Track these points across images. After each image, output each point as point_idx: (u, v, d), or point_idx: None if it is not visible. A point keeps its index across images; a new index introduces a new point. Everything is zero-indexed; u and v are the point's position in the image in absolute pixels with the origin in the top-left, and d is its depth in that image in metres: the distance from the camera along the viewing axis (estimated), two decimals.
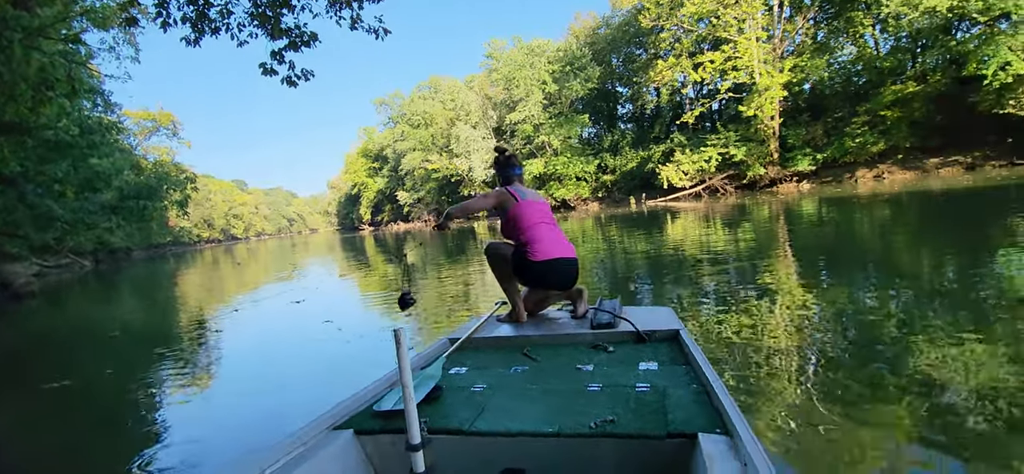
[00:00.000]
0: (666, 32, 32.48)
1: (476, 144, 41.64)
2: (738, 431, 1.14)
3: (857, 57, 28.61)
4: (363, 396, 1.63)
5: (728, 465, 1.07)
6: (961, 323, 3.18)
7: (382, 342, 4.42)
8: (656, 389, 1.54)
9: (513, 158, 2.87)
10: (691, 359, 1.77)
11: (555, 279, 2.65)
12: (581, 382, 1.68)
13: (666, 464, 1.23)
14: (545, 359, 2.02)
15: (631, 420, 1.33)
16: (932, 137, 23.62)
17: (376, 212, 65.79)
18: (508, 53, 40.20)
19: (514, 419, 1.41)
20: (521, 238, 2.67)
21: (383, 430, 1.42)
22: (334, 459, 1.33)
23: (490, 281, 8.20)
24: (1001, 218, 7.98)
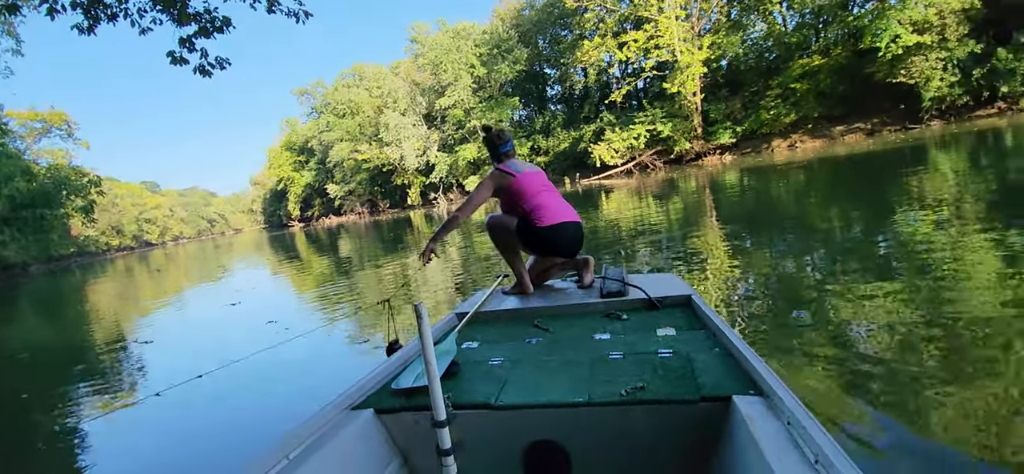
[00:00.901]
0: (590, 13, 32.86)
1: (407, 131, 40.58)
2: (775, 391, 1.12)
3: (767, 33, 30.23)
4: (380, 374, 1.60)
5: (770, 425, 1.05)
6: (866, 273, 3.55)
7: (334, 336, 4.36)
8: (679, 355, 1.52)
9: (501, 134, 2.77)
10: (708, 323, 1.76)
11: (563, 244, 2.61)
12: (601, 351, 1.65)
13: (700, 428, 1.22)
14: (558, 330, 1.98)
15: (660, 386, 1.31)
16: (836, 107, 25.42)
17: (306, 207, 62.92)
18: (433, 37, 39.31)
19: (540, 391, 1.38)
20: (525, 207, 2.61)
21: (404, 408, 1.39)
22: (357, 439, 1.31)
23: (436, 273, 7.93)
24: (896, 178, 8.72)
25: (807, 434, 0.96)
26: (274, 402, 3.01)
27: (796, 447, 0.97)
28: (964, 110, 21.75)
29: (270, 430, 2.54)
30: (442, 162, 39.87)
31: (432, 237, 2.60)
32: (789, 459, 0.95)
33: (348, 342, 4.29)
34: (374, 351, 3.60)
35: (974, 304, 2.69)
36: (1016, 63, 19.91)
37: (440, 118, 40.35)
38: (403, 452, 1.41)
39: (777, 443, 1.00)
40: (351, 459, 1.27)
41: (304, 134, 58.25)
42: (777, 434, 1.02)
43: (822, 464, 0.89)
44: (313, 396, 2.96)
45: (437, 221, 21.05)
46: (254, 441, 2.55)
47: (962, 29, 21.34)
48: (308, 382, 3.24)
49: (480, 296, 2.56)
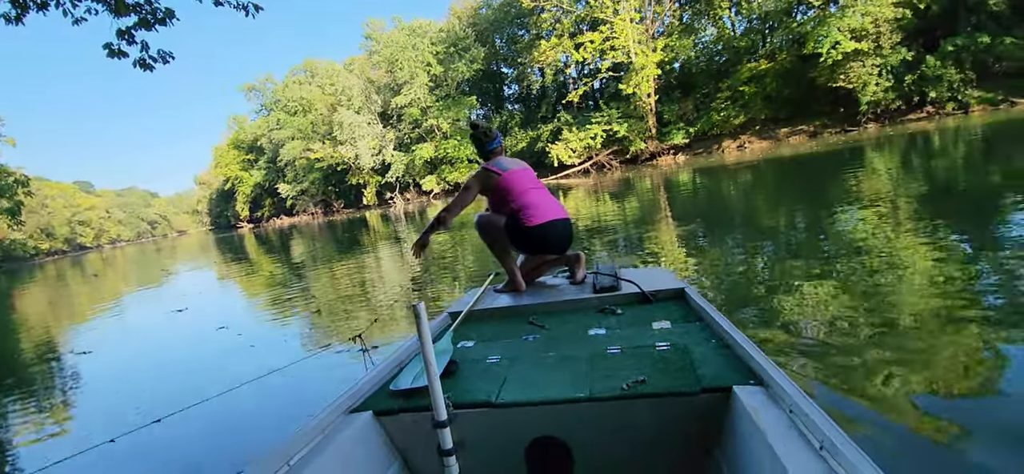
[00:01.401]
0: (547, 13, 33.01)
1: (361, 130, 39.63)
2: (776, 381, 1.13)
3: (718, 37, 31.17)
4: (377, 377, 1.59)
5: (772, 414, 1.06)
6: (809, 265, 3.80)
7: (292, 340, 4.23)
8: (677, 347, 1.53)
9: (489, 131, 2.75)
10: (704, 316, 1.77)
11: (553, 242, 2.60)
12: (599, 346, 1.65)
13: (701, 419, 1.24)
14: (553, 326, 1.98)
15: (661, 379, 1.32)
16: (782, 109, 26.47)
17: (255, 208, 60.53)
18: (389, 34, 38.53)
19: (541, 387, 1.38)
20: (513, 206, 2.59)
21: (404, 409, 1.38)
22: (356, 442, 1.29)
23: (394, 271, 7.67)
24: (836, 177, 9.18)
25: (810, 422, 0.97)
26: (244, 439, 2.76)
27: (800, 435, 0.98)
28: (897, 114, 23.04)
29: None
30: (398, 161, 39.16)
31: (423, 232, 2.62)
32: (794, 446, 0.95)
33: (296, 347, 4.03)
34: (345, 366, 3.37)
35: (911, 293, 2.80)
36: (943, 70, 21.24)
37: (396, 117, 39.61)
38: (403, 453, 1.40)
39: (781, 432, 1.00)
40: (352, 463, 1.26)
41: (253, 132, 56.00)
42: (780, 423, 1.03)
43: (827, 450, 0.91)
44: (251, 419, 2.76)
45: (394, 221, 20.62)
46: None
47: (895, 37, 22.61)
48: (248, 403, 2.99)
49: (472, 295, 2.54)
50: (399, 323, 4.32)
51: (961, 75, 21.11)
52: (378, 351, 3.40)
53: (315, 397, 2.89)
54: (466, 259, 7.31)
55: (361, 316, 4.74)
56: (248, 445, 2.46)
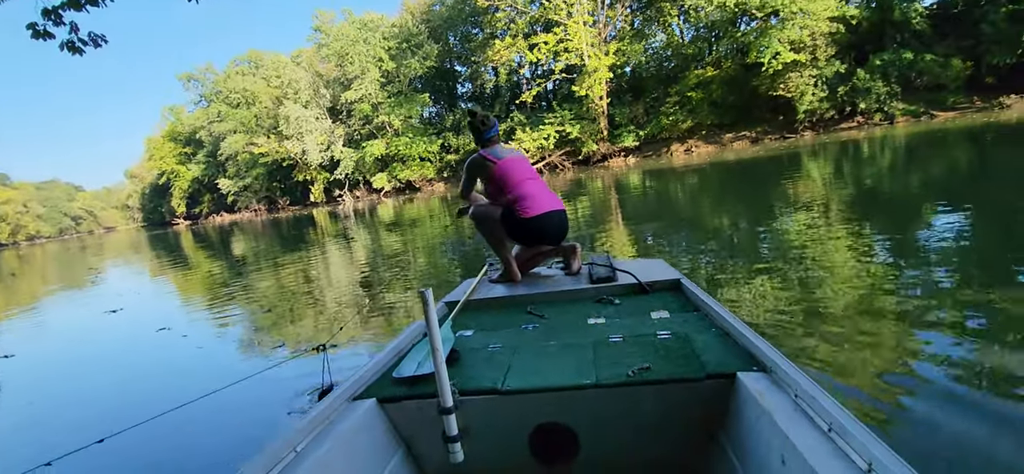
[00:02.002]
0: (501, 12, 32.95)
1: (309, 124, 38.26)
2: (780, 367, 1.16)
3: (667, 44, 32.08)
4: (379, 364, 1.59)
5: (777, 398, 1.09)
6: (751, 262, 3.97)
7: (242, 341, 4.03)
8: (677, 336, 1.55)
9: (486, 119, 2.72)
10: (701, 306, 1.81)
11: (550, 233, 2.60)
12: (601, 334, 1.67)
13: (705, 405, 1.26)
14: (552, 316, 1.99)
15: (665, 366, 1.34)
16: (727, 115, 27.48)
17: (193, 203, 57.44)
18: (339, 27, 37.37)
19: (546, 374, 1.39)
20: (510, 196, 2.58)
21: (408, 396, 1.39)
22: (360, 429, 1.29)
23: (344, 270, 7.33)
24: (776, 181, 9.62)
25: (818, 405, 0.99)
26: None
27: (807, 418, 1.00)
28: (831, 123, 24.38)
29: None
30: (348, 158, 38.05)
31: (460, 211, 2.86)
32: (802, 429, 0.97)
33: (242, 345, 3.74)
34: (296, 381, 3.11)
35: (842, 284, 2.90)
36: (871, 83, 22.65)
37: (346, 112, 38.49)
38: (407, 440, 1.40)
39: (788, 415, 1.02)
40: (357, 449, 1.25)
41: (191, 124, 53.08)
42: (786, 407, 1.05)
43: (836, 431, 0.92)
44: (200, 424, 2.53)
45: (343, 219, 19.99)
46: None
47: (830, 50, 23.92)
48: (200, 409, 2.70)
49: (468, 285, 2.54)
50: (349, 324, 4.12)
51: (887, 88, 22.57)
52: (339, 355, 3.19)
53: (274, 402, 2.66)
54: (417, 260, 7.11)
55: (312, 316, 4.53)
56: (215, 464, 2.22)
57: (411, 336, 1.84)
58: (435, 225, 11.83)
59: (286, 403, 2.60)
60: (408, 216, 16.28)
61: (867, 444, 0.83)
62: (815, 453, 0.89)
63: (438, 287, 4.93)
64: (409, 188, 37.08)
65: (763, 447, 1.04)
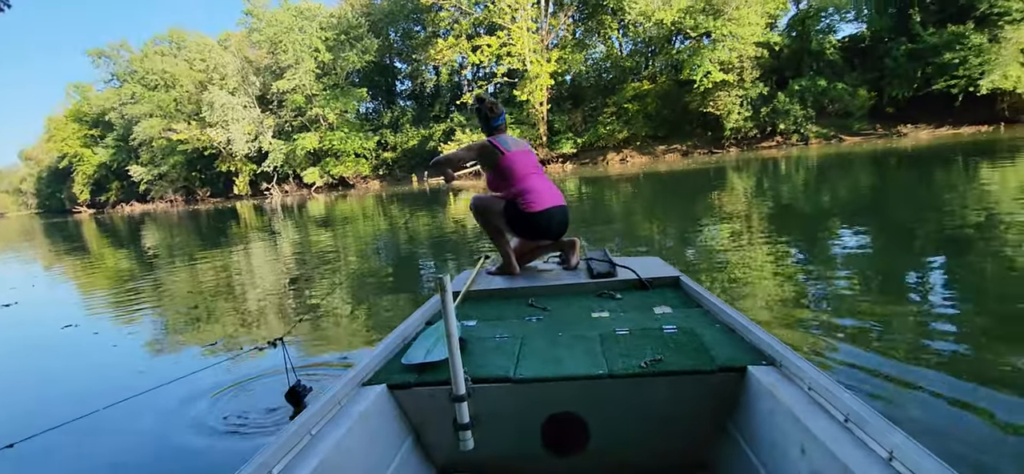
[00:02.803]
0: (445, 12, 32.60)
1: (235, 112, 36.03)
2: (791, 360, 1.19)
3: (606, 55, 32.94)
4: (386, 349, 1.59)
5: (790, 391, 1.11)
6: (678, 266, 4.06)
7: (155, 337, 3.81)
8: (683, 330, 1.58)
9: (494, 107, 2.67)
10: (702, 302, 1.85)
11: (552, 229, 2.60)
12: (607, 327, 1.68)
13: (715, 397, 1.29)
14: (555, 308, 2.00)
15: (676, 358, 1.36)
16: (660, 128, 28.56)
17: (98, 190, 52.49)
18: (273, 13, 35.52)
19: (558, 364, 1.40)
20: (513, 190, 2.57)
21: (419, 383, 1.38)
22: (371, 415, 1.28)
23: (268, 266, 6.82)
24: (702, 192, 10.10)
25: (832, 396, 1.01)
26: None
27: (822, 410, 1.02)
28: (753, 140, 25.91)
29: None
30: (277, 150, 36.17)
31: (428, 171, 2.68)
32: (820, 420, 0.99)
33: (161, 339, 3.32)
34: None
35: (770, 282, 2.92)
36: (790, 106, 24.28)
37: (277, 102, 36.59)
38: (416, 427, 1.40)
39: (802, 407, 1.04)
40: (369, 435, 1.24)
41: (100, 104, 48.61)
42: (800, 399, 1.07)
43: (853, 421, 0.94)
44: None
45: (269, 213, 18.90)
46: None
47: (755, 73, 25.44)
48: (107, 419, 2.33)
49: (467, 276, 2.52)
50: (269, 322, 3.82)
51: (804, 112, 24.29)
52: (262, 357, 2.94)
53: (197, 401, 2.39)
54: (348, 257, 6.77)
55: (235, 311, 4.22)
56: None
57: (416, 323, 1.85)
58: (369, 225, 11.40)
59: (213, 404, 2.36)
60: (341, 213, 15.63)
61: (886, 432, 0.86)
62: (835, 443, 0.91)
63: (379, 289, 4.68)
64: (342, 184, 35.79)
65: (779, 437, 1.07)
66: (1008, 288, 2.99)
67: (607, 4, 31.25)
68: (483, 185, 2.82)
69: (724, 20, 24.20)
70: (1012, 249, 3.71)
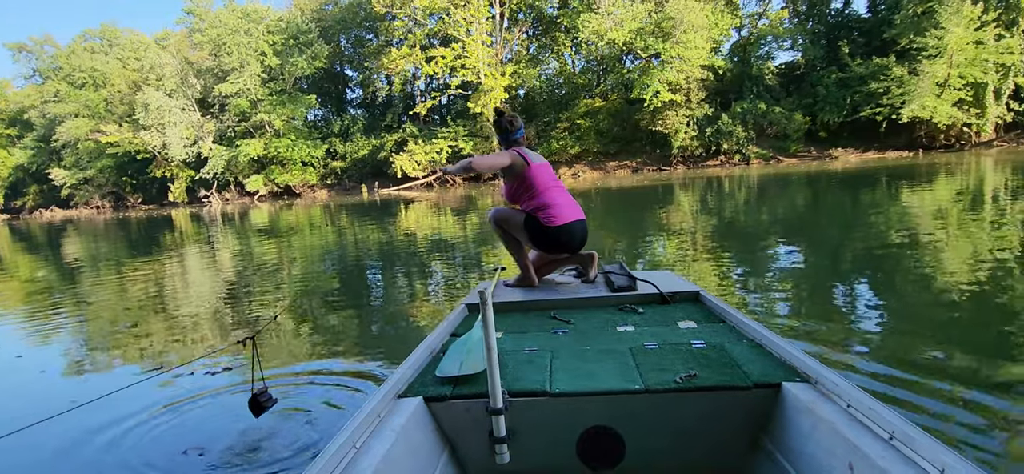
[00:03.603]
0: (399, 21, 32.24)
1: (173, 115, 34.09)
2: (827, 377, 1.19)
3: (560, 72, 33.47)
4: (418, 361, 1.58)
5: (829, 408, 1.11)
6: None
7: (81, 354, 3.48)
8: (712, 345, 1.57)
9: (514, 120, 2.67)
10: (726, 317, 1.86)
11: (573, 243, 2.59)
12: (635, 341, 1.68)
13: (749, 413, 1.29)
14: (578, 322, 1.99)
15: (710, 374, 1.36)
16: (611, 144, 29.19)
17: (13, 194, 48.25)
18: (216, 13, 34.02)
19: (591, 378, 1.40)
20: (534, 203, 2.57)
21: (455, 396, 1.37)
22: (410, 428, 1.26)
23: (207, 279, 6.34)
24: (650, 207, 10.44)
25: (876, 414, 1.01)
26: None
27: (865, 427, 1.01)
28: (699, 159, 26.87)
29: None
30: (218, 156, 34.40)
31: (449, 167, 2.48)
32: (865, 438, 0.98)
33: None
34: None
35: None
36: (733, 127, 25.38)
37: (218, 106, 34.95)
38: (452, 440, 1.38)
39: (847, 424, 1.04)
40: (409, 447, 1.22)
41: (19, 101, 45.00)
42: (841, 416, 1.07)
43: (899, 439, 0.93)
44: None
45: (208, 222, 17.90)
46: None
47: (701, 94, 26.45)
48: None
49: (485, 287, 2.38)
50: (204, 335, 3.51)
51: (745, 133, 25.44)
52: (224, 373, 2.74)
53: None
54: (293, 270, 6.43)
55: (169, 330, 3.89)
56: None
57: (442, 335, 1.85)
58: (317, 235, 10.95)
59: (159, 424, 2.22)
60: (286, 223, 14.98)
61: (936, 450, 0.85)
62: (884, 460, 0.90)
63: (322, 308, 4.42)
64: (288, 193, 34.48)
65: (823, 455, 1.06)
66: (923, 296, 3.15)
67: (561, 22, 31.82)
68: (462, 192, 2.75)
69: (672, 43, 25.09)
70: (924, 264, 3.91)
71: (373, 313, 4.10)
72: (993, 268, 3.74)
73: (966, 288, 3.32)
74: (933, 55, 21.50)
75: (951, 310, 2.98)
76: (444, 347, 1.73)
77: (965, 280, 3.52)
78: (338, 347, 3.16)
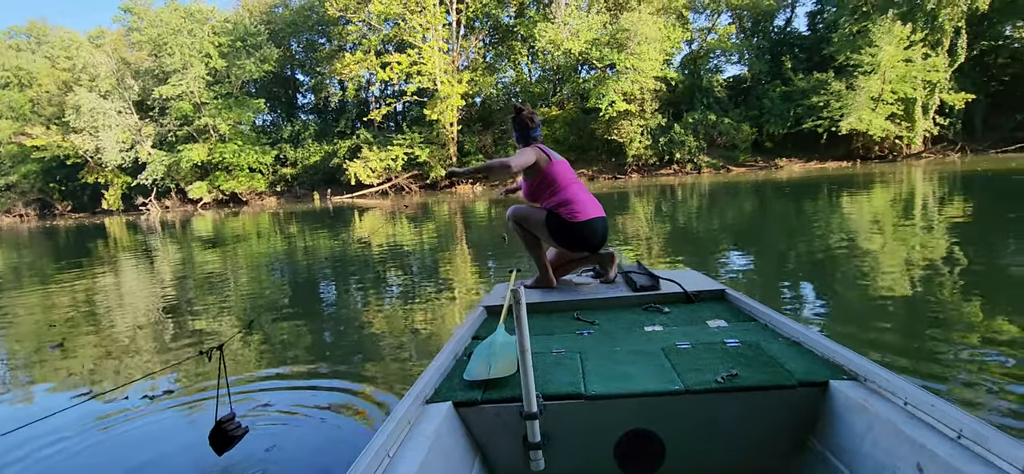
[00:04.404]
0: (353, 26, 31.56)
1: (108, 118, 32.03)
2: (880, 375, 1.15)
3: (516, 80, 33.57)
4: (443, 365, 1.53)
5: (884, 406, 1.07)
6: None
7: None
8: (747, 344, 1.53)
9: (534, 116, 2.60)
10: (756, 315, 1.81)
11: (594, 240, 2.54)
12: (666, 341, 1.63)
13: (796, 413, 1.24)
14: (603, 322, 1.94)
15: (751, 374, 1.32)
16: (568, 153, 29.36)
17: None
18: (157, 12, 32.29)
19: (627, 380, 1.36)
20: (556, 199, 2.51)
21: (485, 400, 1.33)
22: (442, 434, 1.22)
23: (153, 291, 5.84)
24: (609, 214, 10.46)
25: (939, 411, 0.97)
26: None
27: (929, 427, 0.97)
28: (653, 168, 27.48)
29: None
30: (158, 161, 32.54)
31: (462, 170, 2.33)
32: (931, 437, 0.94)
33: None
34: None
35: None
36: (685, 137, 26.10)
37: (159, 109, 33.16)
38: (482, 446, 1.33)
39: (907, 424, 1.00)
40: (442, 454, 1.18)
41: None
42: (899, 415, 1.03)
43: (968, 437, 0.89)
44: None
45: (146, 232, 16.85)
46: None
47: (654, 105, 27.10)
48: None
49: (502, 289, 2.44)
50: (141, 355, 3.18)
51: (697, 143, 26.21)
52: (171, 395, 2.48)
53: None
54: (239, 280, 6.05)
55: (104, 350, 3.53)
56: None
57: (464, 338, 1.79)
58: (264, 244, 10.43)
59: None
60: (231, 232, 14.26)
61: (1011, 448, 0.81)
62: (956, 459, 0.86)
63: (277, 323, 4.12)
64: (234, 201, 32.99)
65: (883, 455, 1.02)
66: (864, 291, 3.20)
67: (517, 31, 31.99)
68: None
69: (627, 54, 25.61)
70: (865, 264, 4.04)
71: (345, 331, 3.85)
72: (925, 265, 3.89)
73: (901, 285, 3.42)
74: (868, 71, 22.80)
75: (895, 298, 3.05)
76: (467, 351, 1.67)
77: (898, 280, 3.63)
78: (308, 365, 2.89)
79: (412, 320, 3.69)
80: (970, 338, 2.46)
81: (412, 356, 2.91)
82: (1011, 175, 12.67)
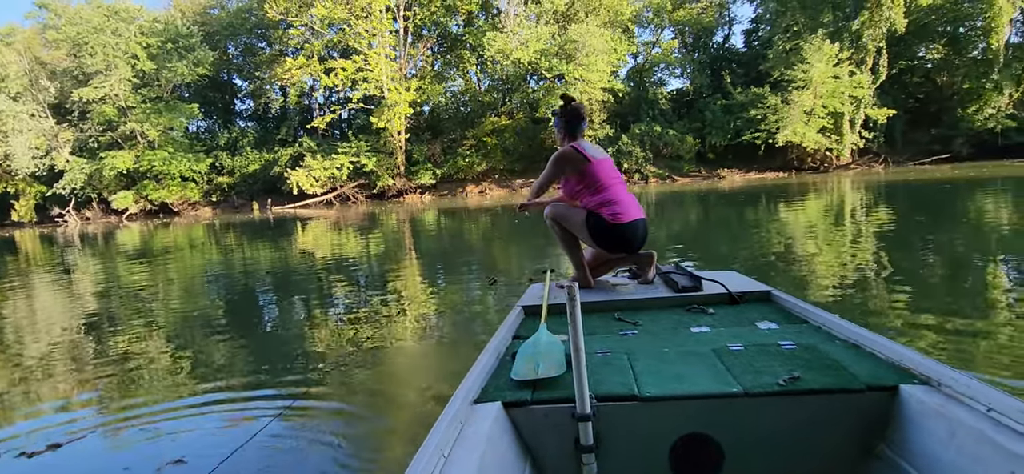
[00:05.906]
0: (295, 30, 30.42)
1: (19, 122, 29.27)
2: (955, 379, 1.12)
3: (465, 89, 33.37)
4: (488, 364, 1.51)
5: (965, 413, 1.03)
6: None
7: None
8: (804, 346, 1.48)
9: (582, 108, 2.55)
10: (809, 317, 1.76)
11: (635, 242, 2.48)
12: (717, 343, 1.58)
13: (862, 418, 1.20)
14: (647, 323, 1.89)
15: (814, 377, 1.27)
16: (518, 163, 29.48)
17: None
18: (77, 9, 29.96)
19: (681, 381, 1.31)
20: (597, 199, 2.43)
21: (534, 401, 1.29)
22: (493, 436, 1.18)
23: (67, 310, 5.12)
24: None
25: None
26: None
27: (1020, 434, 0.93)
28: None
29: None
30: (77, 169, 30.00)
31: (528, 203, 2.58)
32: (1021, 446, 0.90)
33: None
34: None
35: None
36: (632, 147, 26.68)
37: (79, 112, 30.68)
38: (532, 448, 1.29)
39: (991, 430, 0.96)
40: (494, 456, 1.15)
41: None
42: (982, 421, 0.99)
43: None
44: None
45: (63, 245, 15.42)
46: None
47: (602, 116, 27.59)
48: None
49: (539, 290, 2.39)
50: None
51: (643, 153, 26.85)
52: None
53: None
54: (170, 293, 5.46)
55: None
56: None
57: (505, 338, 1.75)
58: (198, 256, 9.67)
59: None
60: (160, 244, 13.21)
61: None
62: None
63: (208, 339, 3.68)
64: (165, 211, 30.89)
65: (967, 462, 0.97)
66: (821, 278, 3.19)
67: (466, 40, 31.84)
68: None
69: (575, 65, 25.97)
70: (802, 263, 4.09)
71: (300, 350, 3.46)
72: (858, 259, 3.96)
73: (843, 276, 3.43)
74: (801, 86, 24.12)
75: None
76: (510, 351, 1.63)
77: (839, 272, 3.65)
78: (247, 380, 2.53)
79: (393, 334, 3.38)
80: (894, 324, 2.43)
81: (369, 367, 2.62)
82: (935, 184, 13.62)
